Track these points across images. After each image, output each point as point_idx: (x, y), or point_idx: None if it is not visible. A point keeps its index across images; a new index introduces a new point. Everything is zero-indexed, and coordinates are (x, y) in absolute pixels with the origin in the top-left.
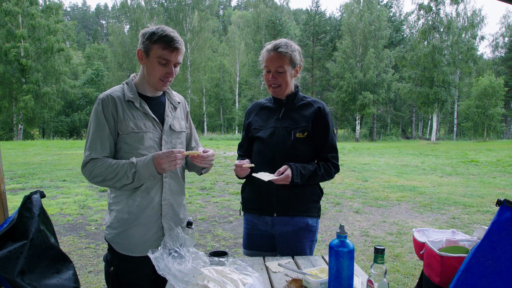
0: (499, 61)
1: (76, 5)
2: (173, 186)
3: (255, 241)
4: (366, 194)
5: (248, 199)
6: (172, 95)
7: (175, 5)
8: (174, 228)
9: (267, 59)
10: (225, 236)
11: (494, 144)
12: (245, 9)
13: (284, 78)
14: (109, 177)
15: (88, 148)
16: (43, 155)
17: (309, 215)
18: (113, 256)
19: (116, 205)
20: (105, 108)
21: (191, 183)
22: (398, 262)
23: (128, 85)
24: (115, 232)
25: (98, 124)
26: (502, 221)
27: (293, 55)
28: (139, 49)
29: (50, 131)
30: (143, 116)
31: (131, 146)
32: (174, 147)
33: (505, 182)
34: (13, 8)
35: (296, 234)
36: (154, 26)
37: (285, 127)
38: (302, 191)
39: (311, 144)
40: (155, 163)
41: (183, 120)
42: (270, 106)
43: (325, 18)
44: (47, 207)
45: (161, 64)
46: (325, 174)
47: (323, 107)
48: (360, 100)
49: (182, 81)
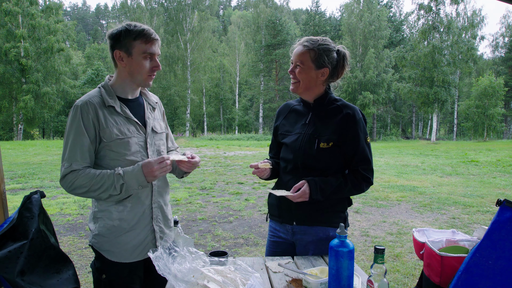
0: (499, 61)
1: (76, 5)
2: (161, 187)
3: (277, 249)
4: (366, 194)
5: (272, 205)
6: (149, 95)
7: (175, 5)
8: (165, 230)
9: (293, 51)
10: (225, 236)
11: (494, 144)
12: (245, 9)
13: (302, 74)
14: (94, 188)
15: (67, 159)
16: (43, 155)
17: (331, 226)
18: (103, 264)
19: (103, 212)
20: (85, 116)
21: (191, 183)
22: (398, 262)
23: (105, 88)
24: (104, 240)
25: (77, 133)
26: (502, 221)
27: (319, 53)
28: (117, 51)
29: (50, 131)
30: (125, 121)
31: (118, 153)
32: (158, 149)
33: (505, 182)
34: (13, 8)
35: (317, 245)
36: (119, 25)
37: (310, 134)
38: (324, 201)
39: (337, 155)
40: (145, 172)
41: (162, 121)
42: (299, 109)
43: (325, 18)
44: (47, 207)
45: (147, 59)
46: (352, 188)
47: (352, 113)
48: (360, 100)
49: (182, 81)
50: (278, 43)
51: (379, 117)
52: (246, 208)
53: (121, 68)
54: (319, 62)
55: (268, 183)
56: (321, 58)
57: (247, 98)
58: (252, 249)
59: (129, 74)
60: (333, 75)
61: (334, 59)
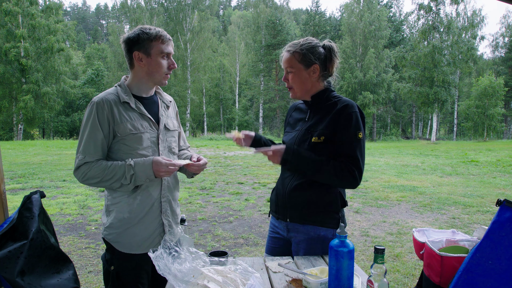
0: (499, 61)
1: (76, 5)
2: (170, 183)
3: (275, 245)
4: (366, 194)
5: (272, 201)
6: (163, 94)
7: (175, 5)
8: (173, 224)
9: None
10: (225, 236)
11: (494, 144)
12: (245, 9)
13: (294, 78)
14: (106, 178)
15: (81, 152)
16: (43, 155)
17: (323, 225)
18: (113, 256)
19: (115, 205)
20: (100, 112)
21: (191, 183)
22: (398, 262)
23: (121, 87)
24: (116, 232)
25: (92, 128)
26: (502, 221)
27: (303, 53)
28: (136, 52)
29: (50, 131)
30: (139, 117)
31: (130, 147)
32: (169, 145)
33: (505, 182)
34: (13, 8)
35: (308, 244)
36: (134, 29)
37: (305, 130)
38: (316, 199)
39: (330, 149)
40: (154, 168)
41: (175, 119)
42: (301, 107)
43: (325, 18)
44: (47, 207)
45: (164, 58)
46: (333, 171)
47: (346, 107)
48: (360, 100)
49: (182, 81)
50: (278, 43)
51: (379, 117)
52: (246, 208)
53: (138, 68)
54: (306, 61)
55: (268, 183)
56: (306, 56)
57: (247, 98)
58: (252, 249)
59: (147, 74)
60: (325, 69)
61: (321, 54)
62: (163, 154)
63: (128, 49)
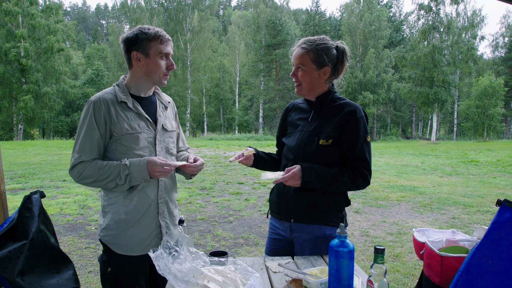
0: (499, 61)
1: (76, 5)
2: (168, 184)
3: (276, 246)
4: (366, 194)
5: (272, 202)
6: (162, 95)
7: (175, 5)
8: (170, 226)
9: (292, 54)
10: (225, 236)
11: (494, 144)
12: (245, 9)
13: (304, 76)
14: (101, 178)
15: (77, 151)
16: (43, 155)
17: (328, 224)
18: (110, 257)
19: (111, 206)
20: (97, 111)
21: (191, 183)
22: (398, 262)
23: (119, 86)
24: (112, 234)
25: (89, 127)
26: (502, 221)
27: (318, 53)
28: (134, 52)
29: (50, 131)
30: (136, 117)
31: (127, 147)
32: (167, 146)
33: (505, 182)
34: (13, 8)
35: (313, 243)
36: (133, 29)
37: (310, 132)
38: (321, 199)
39: (337, 152)
40: (149, 169)
41: (173, 120)
42: (302, 107)
43: (325, 18)
44: (47, 207)
45: (162, 58)
46: (349, 180)
47: (354, 111)
48: (360, 100)
49: (182, 81)
50: (278, 43)
51: (379, 117)
52: (246, 208)
53: (137, 68)
54: (320, 61)
55: (269, 183)
56: (320, 57)
57: (247, 98)
58: (252, 249)
59: (145, 74)
60: (334, 72)
61: (334, 56)
62: (160, 155)
63: (127, 49)
